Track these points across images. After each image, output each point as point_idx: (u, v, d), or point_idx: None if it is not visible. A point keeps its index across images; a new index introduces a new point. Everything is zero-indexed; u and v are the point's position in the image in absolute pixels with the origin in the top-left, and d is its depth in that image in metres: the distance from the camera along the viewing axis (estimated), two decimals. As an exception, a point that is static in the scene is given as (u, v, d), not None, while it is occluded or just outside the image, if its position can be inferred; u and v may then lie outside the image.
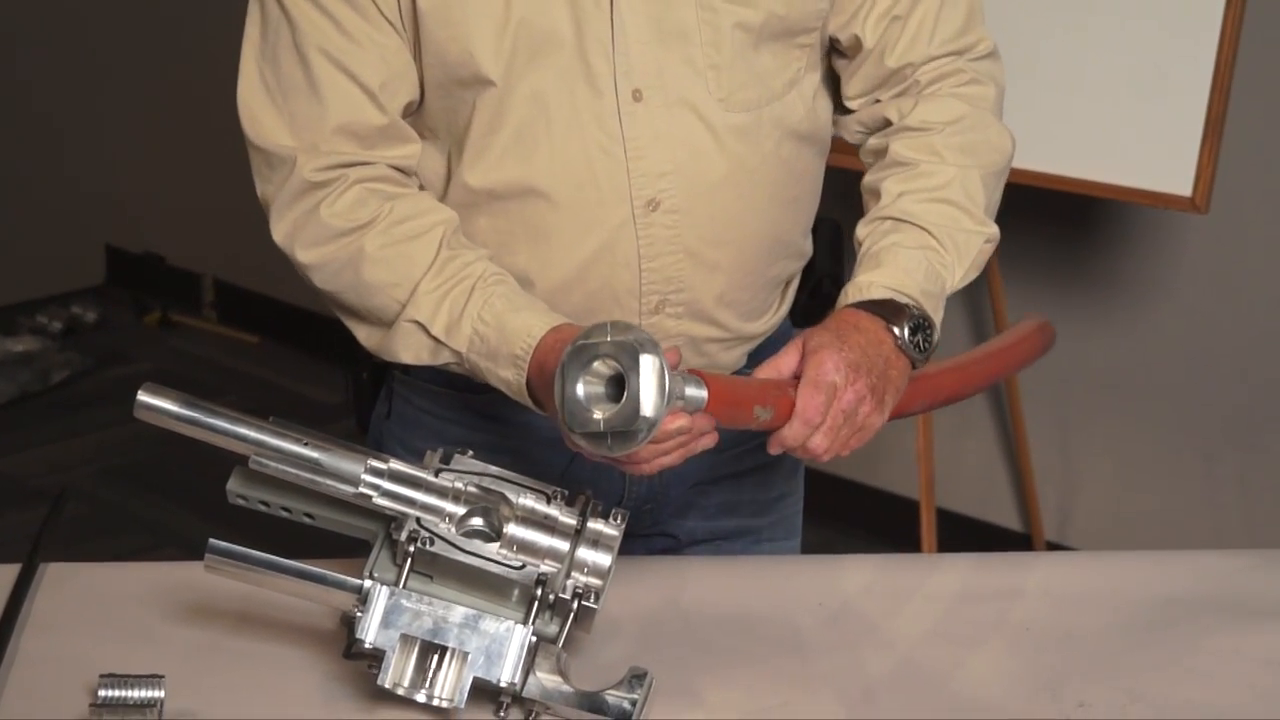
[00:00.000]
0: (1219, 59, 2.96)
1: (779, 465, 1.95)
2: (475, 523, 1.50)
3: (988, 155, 1.79)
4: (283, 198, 1.69)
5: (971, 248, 1.75)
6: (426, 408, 1.85)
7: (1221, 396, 3.62)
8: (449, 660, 1.45)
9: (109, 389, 4.90)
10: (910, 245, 1.70)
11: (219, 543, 1.47)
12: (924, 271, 1.69)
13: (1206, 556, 1.91)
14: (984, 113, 1.80)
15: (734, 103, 1.71)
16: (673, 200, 1.70)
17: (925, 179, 1.74)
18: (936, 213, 1.73)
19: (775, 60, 1.74)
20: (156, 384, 1.49)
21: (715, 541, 1.93)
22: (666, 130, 1.69)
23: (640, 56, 1.68)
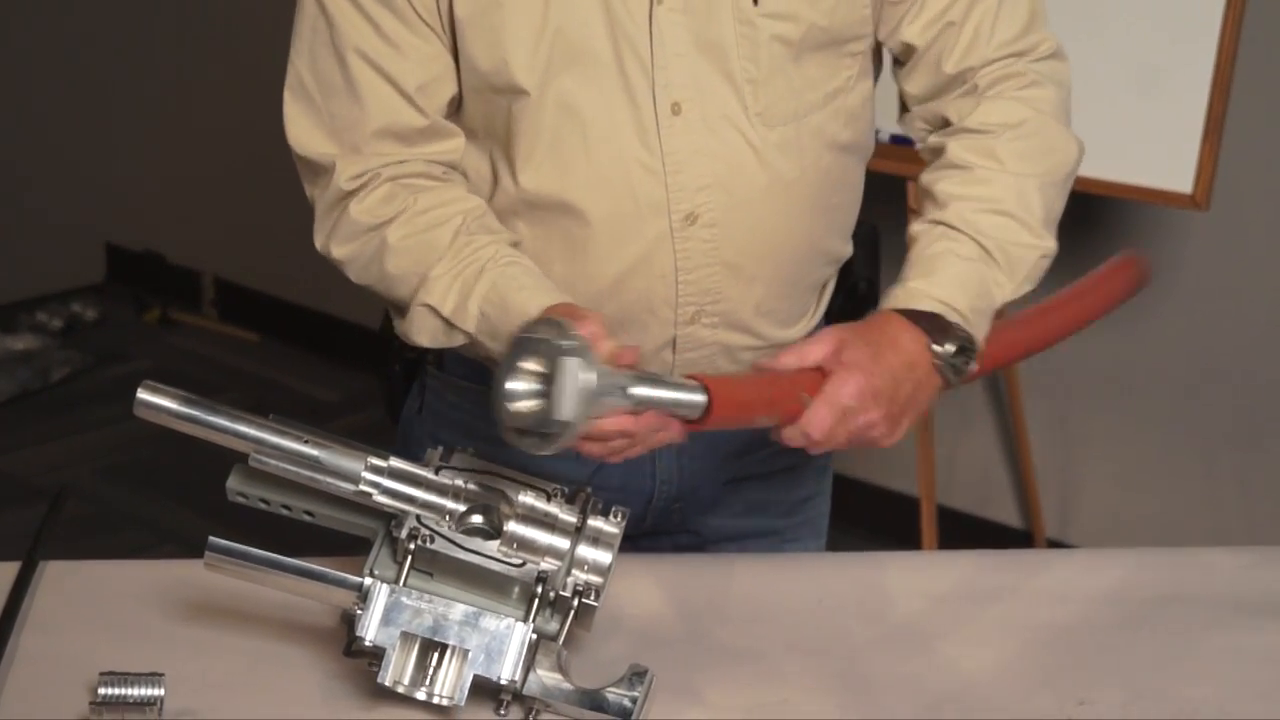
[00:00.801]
0: (1219, 56, 2.96)
1: (808, 466, 1.95)
2: (475, 520, 1.50)
3: (1049, 162, 1.76)
4: (323, 204, 1.70)
5: (1026, 263, 1.73)
6: (457, 403, 1.85)
7: (1222, 394, 3.62)
8: (449, 658, 1.45)
9: (109, 387, 4.89)
10: (963, 255, 1.68)
11: (219, 541, 1.47)
12: (975, 286, 1.67)
13: (1207, 554, 1.90)
14: (1046, 117, 1.76)
15: (771, 117, 1.70)
16: (711, 214, 1.70)
17: (982, 186, 1.71)
18: (992, 224, 1.70)
19: (821, 70, 1.72)
20: (156, 382, 1.49)
21: (741, 540, 1.92)
22: (705, 144, 1.68)
23: (679, 70, 1.66)
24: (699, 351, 1.75)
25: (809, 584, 1.76)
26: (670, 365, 1.75)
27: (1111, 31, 3.10)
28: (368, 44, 1.66)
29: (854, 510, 4.12)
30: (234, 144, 4.87)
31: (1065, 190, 1.80)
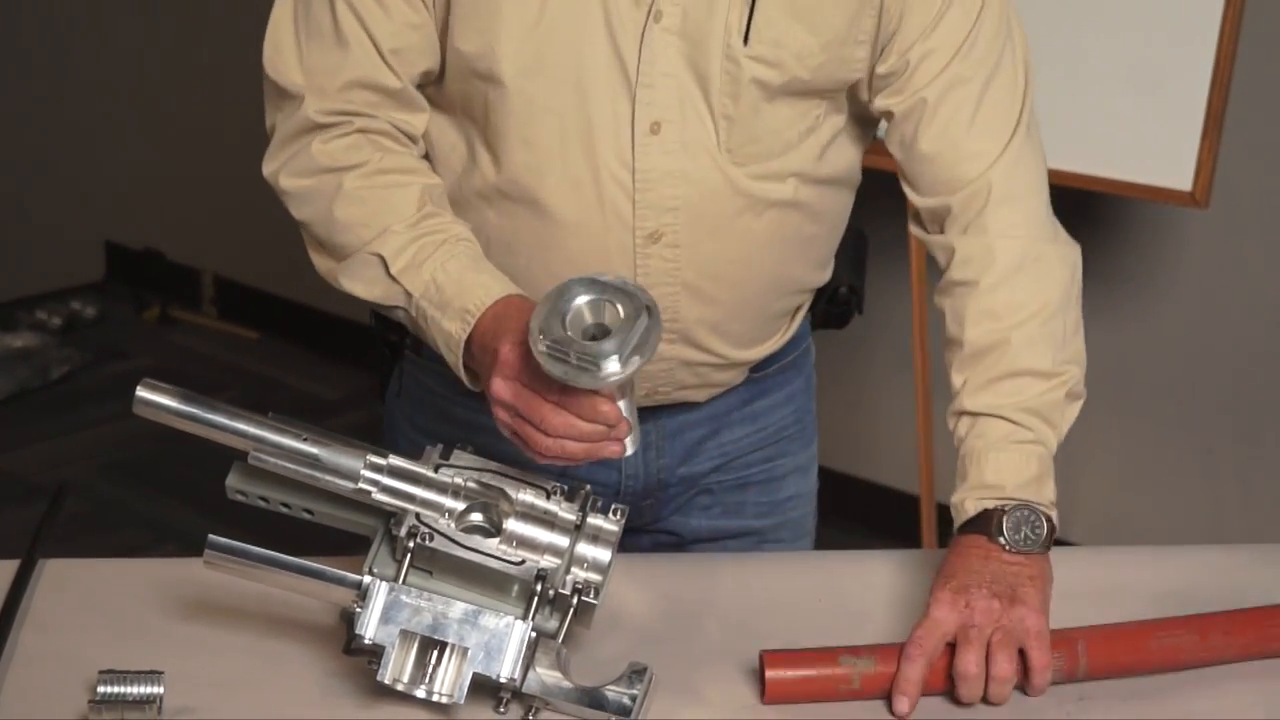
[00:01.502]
0: (1219, 53, 2.96)
1: (787, 467, 1.96)
2: (475, 518, 1.50)
3: (1051, 293, 1.75)
4: (284, 131, 1.70)
5: (1056, 401, 1.73)
6: (432, 387, 1.86)
7: (1221, 392, 3.62)
8: (449, 656, 1.45)
9: (108, 385, 4.89)
10: (995, 441, 1.69)
11: (218, 539, 1.47)
12: (1017, 463, 1.69)
13: (1206, 552, 1.90)
14: (1042, 245, 1.79)
15: (741, 155, 1.70)
16: (675, 235, 1.70)
17: (1015, 395, 1.71)
18: (1011, 393, 1.71)
19: (792, 110, 1.72)
20: (156, 380, 1.49)
21: (720, 540, 1.93)
22: (679, 167, 1.68)
23: (664, 90, 1.66)
24: (657, 365, 1.75)
25: (809, 582, 1.76)
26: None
27: (1111, 29, 3.10)
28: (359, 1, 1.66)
29: (854, 508, 4.13)
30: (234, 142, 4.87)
31: (1073, 302, 1.78)
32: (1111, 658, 1.57)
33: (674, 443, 1.86)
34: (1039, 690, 1.55)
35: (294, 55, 1.69)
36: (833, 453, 4.28)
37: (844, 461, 4.18)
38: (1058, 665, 1.55)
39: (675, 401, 1.83)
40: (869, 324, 4.08)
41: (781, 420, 1.93)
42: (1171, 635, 1.58)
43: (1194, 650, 1.58)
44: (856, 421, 4.16)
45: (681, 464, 1.87)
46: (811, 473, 2.02)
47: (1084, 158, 3.14)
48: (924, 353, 3.36)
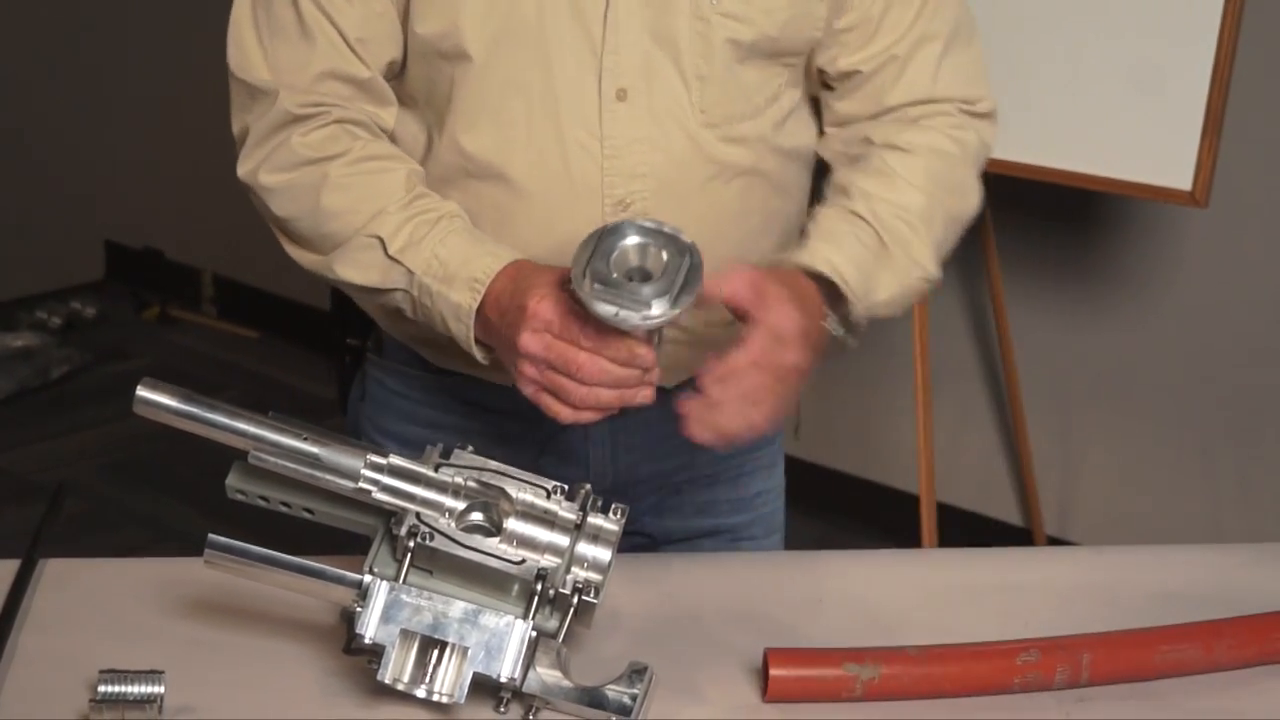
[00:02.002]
0: (1219, 53, 2.96)
1: (755, 464, 1.96)
2: (475, 518, 1.50)
3: (958, 199, 1.78)
4: (260, 129, 1.70)
5: (910, 276, 1.74)
6: (397, 389, 1.87)
7: (1221, 391, 3.62)
8: (449, 655, 1.45)
9: (108, 384, 4.89)
10: (866, 244, 1.70)
11: (218, 538, 1.47)
12: (866, 273, 1.68)
13: (1204, 552, 1.91)
14: (967, 159, 1.79)
15: (715, 115, 1.71)
16: (644, 202, 1.70)
17: (897, 194, 1.73)
18: (897, 230, 1.72)
19: (759, 76, 1.74)
20: (155, 379, 1.49)
21: (693, 540, 1.93)
22: (647, 133, 1.69)
23: (630, 57, 1.68)
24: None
25: (809, 581, 1.76)
26: None
27: (1111, 29, 3.10)
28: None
29: (853, 507, 4.14)
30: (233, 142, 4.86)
31: (957, 233, 1.81)
32: (1115, 669, 1.57)
33: (639, 438, 1.86)
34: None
35: (259, 53, 1.70)
36: (833, 451, 4.30)
37: (844, 460, 4.19)
38: (1062, 676, 1.55)
39: None
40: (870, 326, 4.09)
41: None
42: (1176, 649, 1.58)
43: (1199, 662, 1.58)
44: (856, 421, 4.16)
45: (647, 460, 1.88)
46: (778, 468, 2.02)
47: (1084, 157, 3.14)
48: (924, 352, 3.36)
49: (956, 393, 3.95)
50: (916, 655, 1.54)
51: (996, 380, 3.92)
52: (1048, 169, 3.18)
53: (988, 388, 3.95)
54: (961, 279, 3.87)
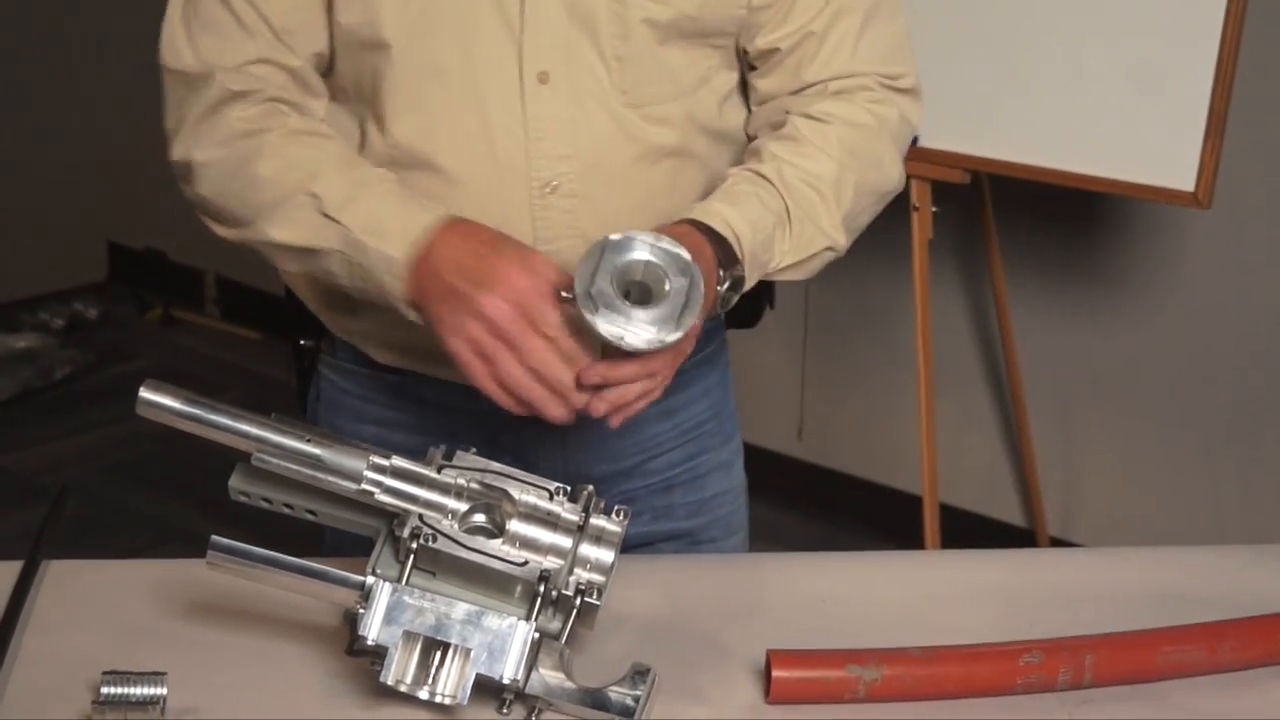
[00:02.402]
0: (1221, 54, 2.96)
1: (710, 465, 1.97)
2: (478, 519, 1.50)
3: (873, 170, 1.78)
4: (197, 110, 1.73)
5: (814, 245, 1.74)
6: (348, 388, 1.87)
7: (1223, 392, 3.62)
8: (452, 657, 1.45)
9: (111, 386, 4.90)
10: (768, 206, 1.70)
11: (221, 540, 1.47)
12: (764, 237, 1.69)
13: (1207, 553, 1.90)
14: (885, 135, 1.79)
15: (638, 95, 1.72)
16: (571, 184, 1.71)
17: (806, 160, 1.73)
18: (802, 194, 1.72)
19: (685, 57, 1.74)
20: (158, 381, 1.49)
21: (652, 545, 1.93)
22: (570, 114, 1.70)
23: (550, 40, 1.68)
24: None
25: (812, 582, 1.76)
26: None
27: (1113, 29, 3.10)
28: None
29: (856, 509, 4.14)
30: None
31: (875, 207, 1.81)
32: (1117, 671, 1.56)
33: (590, 436, 1.86)
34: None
35: (189, 47, 1.73)
36: (835, 453, 4.30)
37: (846, 461, 4.19)
38: (1065, 677, 1.55)
39: None
40: (871, 326, 4.09)
41: (698, 416, 1.94)
42: (1179, 650, 1.57)
43: (1202, 664, 1.58)
44: (859, 422, 4.16)
45: (599, 461, 1.88)
46: (735, 468, 2.02)
47: (1086, 158, 3.14)
48: (926, 353, 3.36)
49: (959, 394, 3.95)
50: (919, 656, 1.54)
51: (999, 381, 3.92)
52: (1050, 170, 3.18)
53: (990, 389, 3.95)
54: (964, 280, 3.87)
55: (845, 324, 4.10)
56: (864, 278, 4.00)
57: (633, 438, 1.89)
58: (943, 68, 3.27)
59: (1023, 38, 3.20)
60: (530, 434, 1.85)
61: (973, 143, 3.26)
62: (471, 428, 1.82)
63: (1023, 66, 3.21)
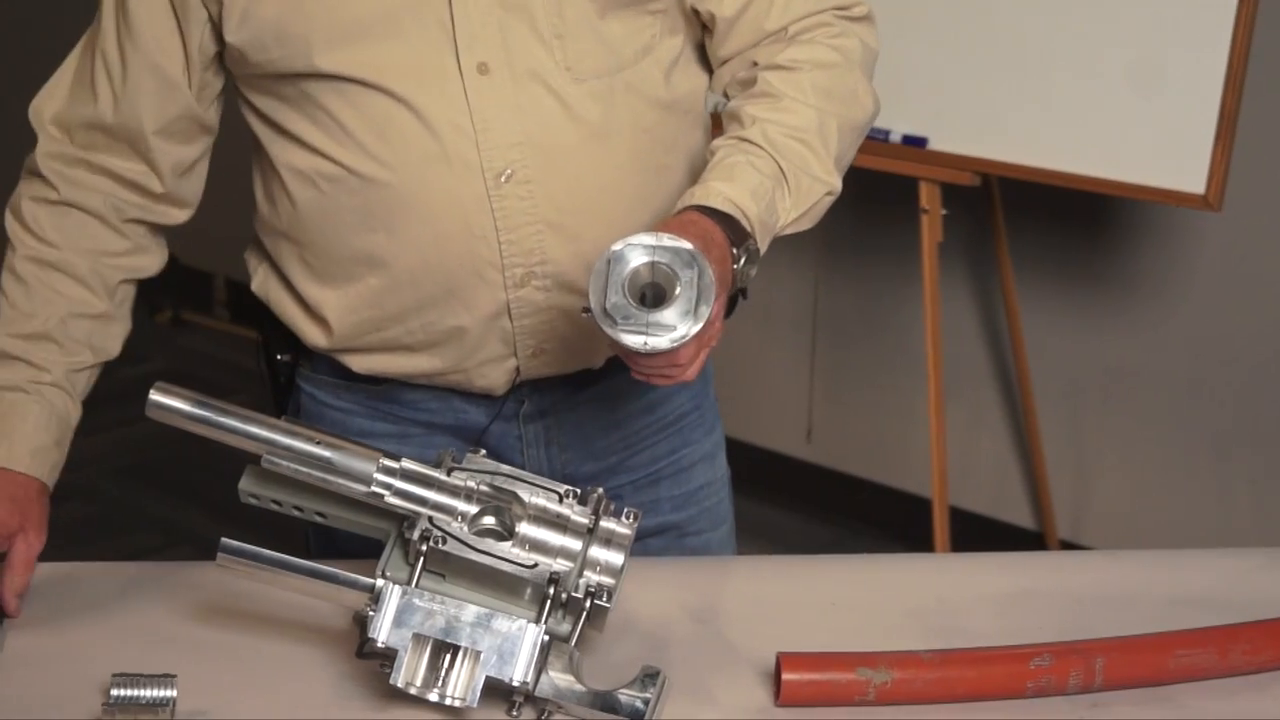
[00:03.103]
0: (1232, 56, 2.96)
1: (694, 456, 1.97)
2: (488, 521, 1.50)
3: (850, 106, 1.78)
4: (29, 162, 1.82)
5: (813, 195, 1.74)
6: (328, 401, 1.88)
7: (1234, 394, 3.61)
8: (462, 659, 1.45)
9: (121, 388, 4.88)
10: (762, 171, 1.70)
11: (231, 542, 1.47)
12: (766, 202, 1.69)
13: (1218, 556, 1.90)
14: (854, 66, 1.79)
15: (581, 70, 1.72)
16: (526, 171, 1.70)
17: (786, 114, 1.73)
18: (791, 149, 1.72)
19: (624, 27, 1.74)
20: (168, 383, 1.49)
21: (642, 540, 1.93)
22: (515, 101, 1.69)
23: (483, 29, 1.68)
24: (537, 317, 1.75)
25: (821, 585, 1.76)
26: (510, 332, 1.76)
27: (1123, 32, 3.10)
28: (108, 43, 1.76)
29: (866, 511, 4.14)
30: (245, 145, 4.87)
31: (858, 140, 1.81)
32: (1129, 674, 1.56)
33: (573, 436, 1.87)
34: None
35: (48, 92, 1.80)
36: (845, 456, 4.30)
37: (856, 465, 4.18)
38: (1075, 680, 1.55)
39: (568, 369, 1.83)
40: (881, 328, 4.09)
41: (680, 408, 1.94)
42: (1190, 653, 1.57)
43: (1213, 667, 1.58)
44: (869, 425, 4.16)
45: (585, 460, 1.88)
46: (719, 460, 2.02)
47: (1097, 161, 3.14)
48: (936, 356, 3.36)
49: (969, 397, 3.94)
50: (930, 660, 1.54)
51: (1009, 384, 3.92)
52: (1060, 173, 3.18)
53: (1000, 392, 3.95)
54: (974, 283, 3.87)
55: (854, 326, 4.10)
56: (873, 280, 4.00)
57: (617, 433, 1.89)
58: (953, 71, 3.27)
59: (1033, 41, 3.19)
60: (513, 439, 1.85)
61: (982, 145, 3.25)
62: (454, 435, 1.82)
63: (1033, 69, 3.20)
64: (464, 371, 1.79)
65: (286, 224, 1.78)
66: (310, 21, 1.66)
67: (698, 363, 1.57)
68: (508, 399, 1.83)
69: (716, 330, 1.58)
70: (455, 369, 1.79)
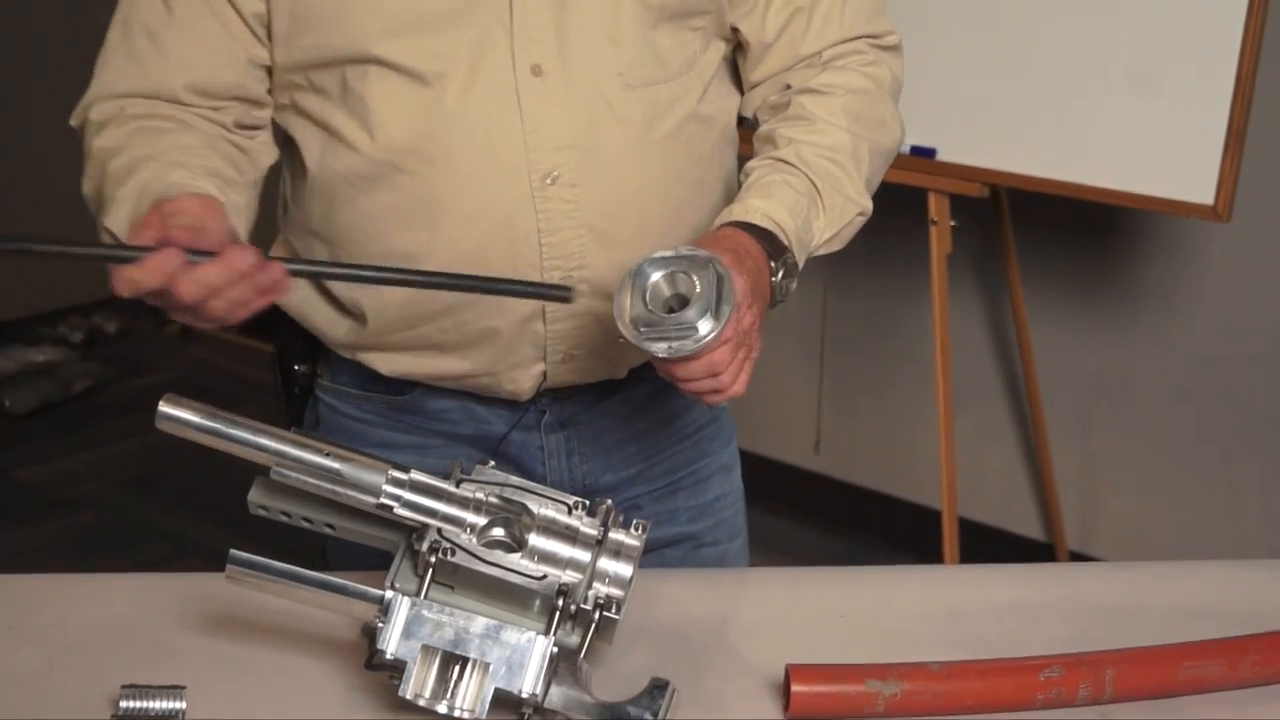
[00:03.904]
0: (1240, 67, 2.96)
1: (711, 468, 1.97)
2: (497, 533, 1.50)
3: (880, 132, 1.82)
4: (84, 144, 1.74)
5: (846, 215, 1.77)
6: (347, 412, 1.87)
7: (1244, 405, 3.61)
8: (470, 671, 1.45)
9: (130, 400, 4.90)
10: (797, 189, 1.72)
11: (240, 553, 1.47)
12: (803, 219, 1.71)
13: (1228, 567, 1.90)
14: (883, 93, 1.83)
15: (633, 78, 1.72)
16: (571, 174, 1.71)
17: (820, 136, 1.76)
18: (825, 170, 1.75)
19: (671, 40, 1.75)
20: (177, 395, 1.49)
21: (658, 550, 1.93)
22: (565, 104, 1.70)
23: (540, 31, 1.69)
24: (570, 322, 1.76)
25: (830, 597, 1.75)
26: (542, 336, 1.77)
27: (1131, 43, 3.10)
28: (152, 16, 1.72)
29: (875, 523, 4.13)
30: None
31: (885, 165, 1.85)
32: (1139, 686, 1.56)
33: (593, 447, 1.88)
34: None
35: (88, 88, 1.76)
36: (854, 467, 4.30)
37: (865, 476, 4.18)
38: (1085, 692, 1.54)
39: (594, 378, 1.83)
40: (889, 339, 4.09)
41: (699, 420, 1.95)
42: (1200, 665, 1.57)
43: (1223, 680, 1.57)
44: (878, 436, 4.16)
45: (605, 470, 1.89)
46: (735, 471, 2.03)
47: (1105, 171, 3.14)
48: (945, 366, 3.36)
49: (978, 408, 3.94)
50: (939, 671, 1.54)
51: (1018, 395, 3.91)
52: (1069, 183, 3.18)
53: (1009, 402, 3.95)
54: (982, 294, 3.87)
55: (863, 337, 4.10)
56: (882, 291, 4.00)
57: (637, 444, 1.89)
58: (961, 82, 3.27)
59: (1041, 52, 3.20)
60: (535, 448, 1.85)
61: (991, 157, 3.25)
62: (473, 446, 1.82)
63: (1041, 80, 3.20)
64: (493, 375, 1.79)
65: (319, 223, 1.77)
66: (387, 2, 1.66)
67: (743, 375, 1.58)
68: (530, 408, 1.83)
69: (756, 340, 1.59)
70: (484, 372, 1.79)
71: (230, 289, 1.47)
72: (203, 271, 1.46)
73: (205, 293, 1.47)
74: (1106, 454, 3.85)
